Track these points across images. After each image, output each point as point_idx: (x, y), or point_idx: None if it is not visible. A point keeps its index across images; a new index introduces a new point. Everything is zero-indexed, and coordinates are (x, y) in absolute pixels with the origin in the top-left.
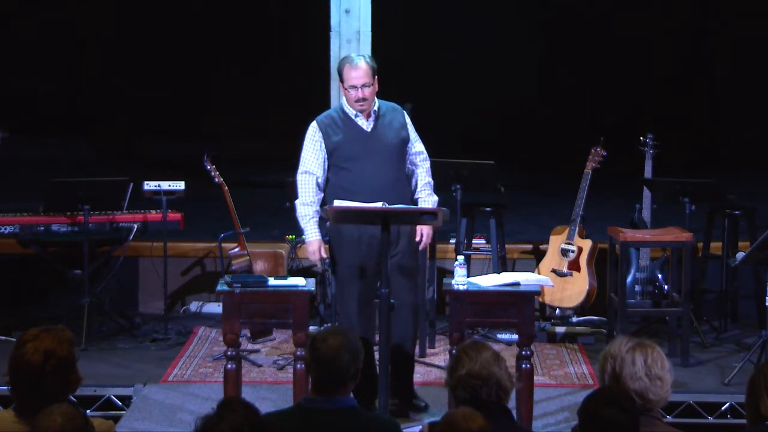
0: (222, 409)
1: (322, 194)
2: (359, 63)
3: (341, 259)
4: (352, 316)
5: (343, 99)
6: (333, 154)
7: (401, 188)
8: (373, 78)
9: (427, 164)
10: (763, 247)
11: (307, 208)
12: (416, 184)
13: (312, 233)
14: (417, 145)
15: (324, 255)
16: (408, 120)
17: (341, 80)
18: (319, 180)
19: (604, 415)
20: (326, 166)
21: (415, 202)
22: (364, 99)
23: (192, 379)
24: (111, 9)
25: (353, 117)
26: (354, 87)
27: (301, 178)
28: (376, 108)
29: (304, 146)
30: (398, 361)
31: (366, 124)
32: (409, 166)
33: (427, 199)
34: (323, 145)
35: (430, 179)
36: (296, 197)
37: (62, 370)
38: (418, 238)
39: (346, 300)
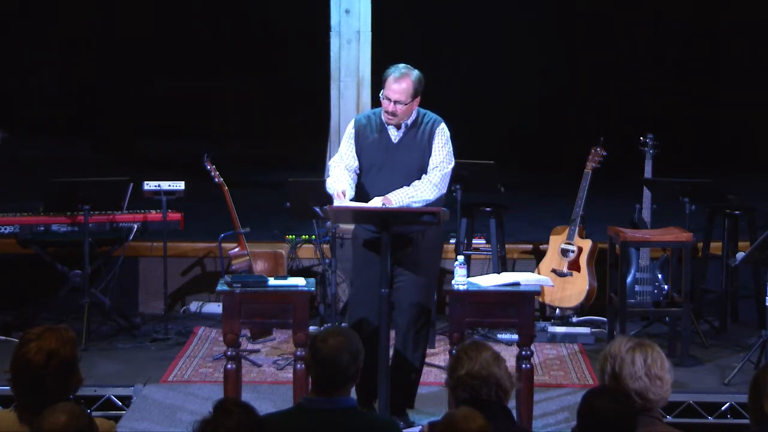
0: (218, 412)
1: (355, 170)
2: (403, 79)
3: (358, 260)
4: (366, 315)
5: None
6: (360, 156)
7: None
8: (413, 98)
9: (436, 172)
10: (763, 247)
11: (331, 178)
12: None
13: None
14: (434, 160)
15: (346, 193)
16: (440, 135)
17: (382, 85)
18: (349, 166)
19: (601, 413)
20: (357, 161)
21: None
22: (393, 114)
23: (192, 379)
24: (111, 8)
25: (386, 125)
26: (388, 99)
27: (332, 163)
28: (410, 121)
29: (342, 139)
30: (394, 371)
31: (395, 135)
32: None
33: (404, 188)
34: (354, 141)
35: (430, 181)
36: (298, 198)
37: (64, 370)
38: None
39: (359, 299)
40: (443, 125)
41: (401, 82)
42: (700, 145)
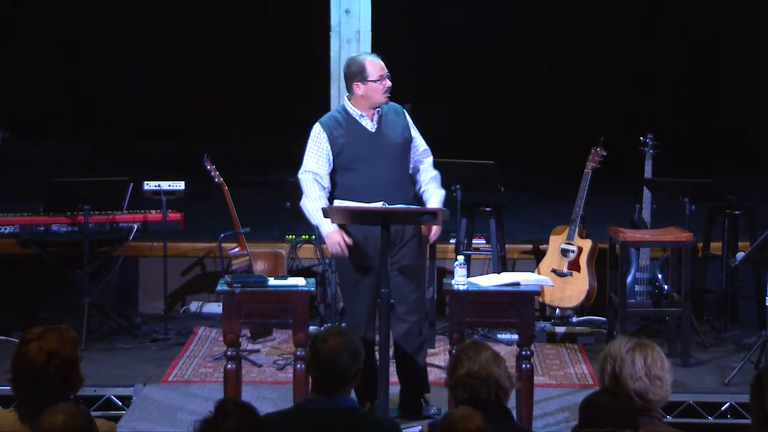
0: (219, 412)
1: (327, 189)
2: (378, 57)
3: (349, 260)
4: (361, 316)
5: (346, 100)
6: (339, 155)
7: (405, 189)
8: None
9: (431, 158)
10: (763, 247)
11: (315, 202)
12: (421, 178)
13: (328, 225)
14: (420, 143)
15: (348, 240)
16: (409, 119)
17: (361, 77)
18: (321, 179)
19: (603, 415)
20: (330, 167)
21: (421, 197)
22: (390, 88)
23: (192, 379)
24: (111, 8)
25: (357, 118)
26: (382, 77)
27: (302, 177)
28: (379, 109)
29: (307, 147)
30: (403, 361)
31: (371, 125)
32: (415, 164)
33: (435, 192)
34: (328, 146)
35: (437, 172)
36: (298, 198)
37: (65, 370)
38: (430, 233)
39: (355, 300)
40: (404, 110)
41: (379, 60)
42: (700, 145)
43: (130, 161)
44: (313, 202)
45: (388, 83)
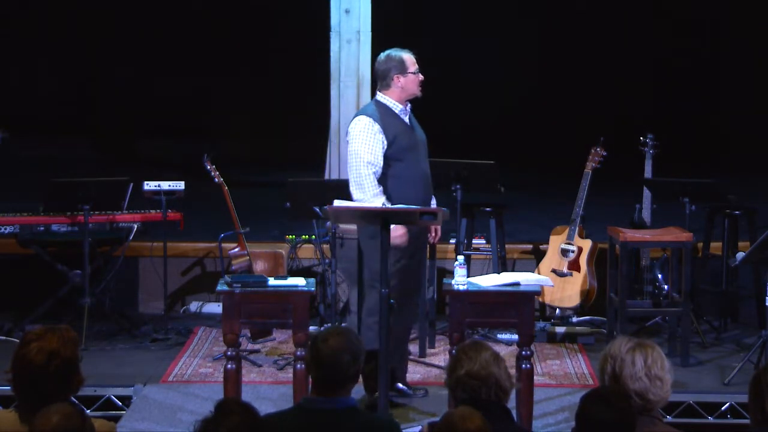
0: (219, 411)
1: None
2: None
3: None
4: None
5: (380, 95)
6: (392, 145)
7: (431, 182)
8: None
9: None
10: (763, 247)
11: (378, 199)
12: None
13: None
14: None
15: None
16: None
17: (402, 69)
18: (378, 171)
19: (598, 415)
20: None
21: None
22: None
23: (192, 379)
24: (111, 8)
25: (398, 111)
26: (418, 70)
27: (365, 171)
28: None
29: (359, 139)
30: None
31: (406, 119)
32: None
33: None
34: (383, 136)
35: None
36: (299, 198)
37: (65, 371)
38: (432, 234)
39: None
40: None
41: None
42: (700, 145)
43: (130, 161)
44: (375, 199)
45: (422, 76)
